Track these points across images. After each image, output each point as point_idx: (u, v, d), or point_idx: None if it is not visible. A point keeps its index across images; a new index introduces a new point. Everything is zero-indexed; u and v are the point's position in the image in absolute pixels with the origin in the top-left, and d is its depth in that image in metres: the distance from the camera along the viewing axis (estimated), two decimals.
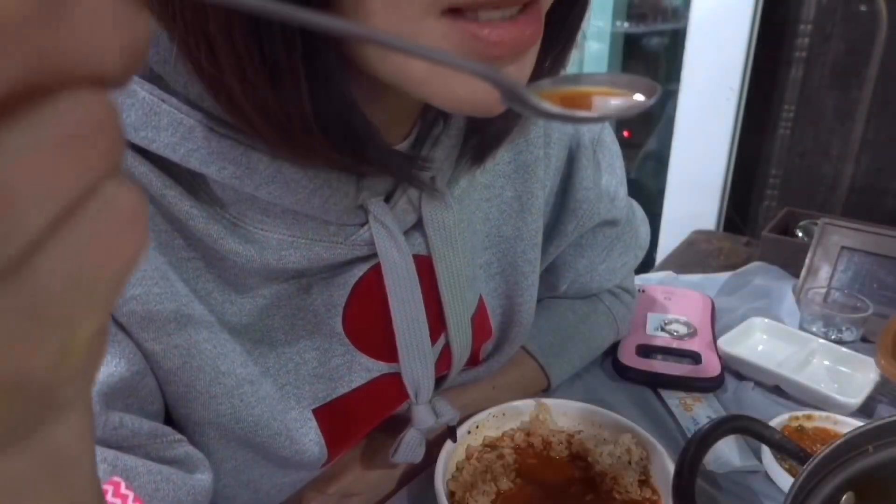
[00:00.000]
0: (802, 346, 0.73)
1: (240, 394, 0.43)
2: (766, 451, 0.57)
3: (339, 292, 0.46)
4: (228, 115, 0.34)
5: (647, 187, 1.91)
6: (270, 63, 0.30)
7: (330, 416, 0.48)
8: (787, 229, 1.07)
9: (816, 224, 0.92)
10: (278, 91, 0.31)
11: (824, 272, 0.87)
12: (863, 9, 1.32)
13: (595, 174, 0.62)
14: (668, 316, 0.80)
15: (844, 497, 0.43)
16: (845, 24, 1.35)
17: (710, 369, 0.70)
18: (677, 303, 0.83)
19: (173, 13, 0.30)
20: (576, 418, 0.59)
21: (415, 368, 0.48)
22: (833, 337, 0.78)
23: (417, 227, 0.47)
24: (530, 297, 0.58)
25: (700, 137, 1.51)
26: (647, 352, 0.73)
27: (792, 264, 0.93)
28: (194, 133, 0.35)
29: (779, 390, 0.68)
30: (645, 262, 0.76)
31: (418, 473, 0.56)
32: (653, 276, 0.98)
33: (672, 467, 0.47)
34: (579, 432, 0.58)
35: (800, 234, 1.05)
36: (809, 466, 0.42)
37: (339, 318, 0.46)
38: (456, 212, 0.48)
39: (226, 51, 0.29)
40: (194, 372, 0.41)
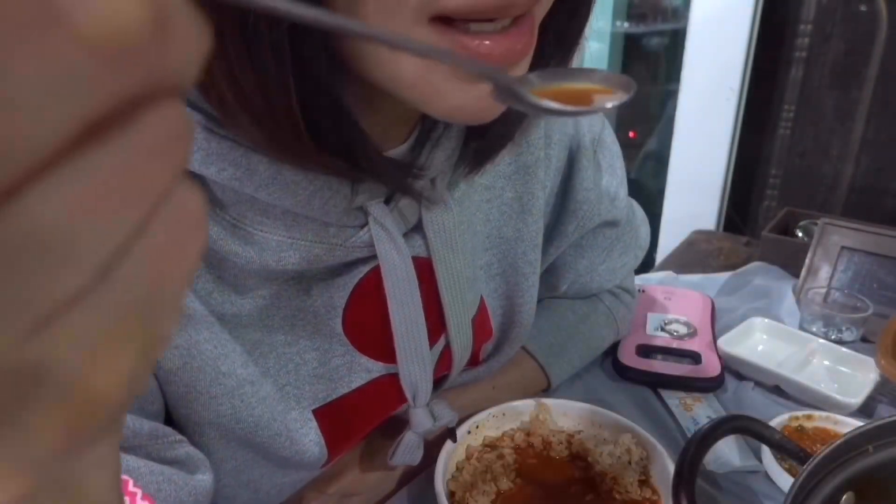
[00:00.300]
0: (802, 346, 0.73)
1: (240, 394, 0.43)
2: (766, 451, 0.57)
3: (339, 294, 0.46)
4: (222, 120, 0.35)
5: (647, 187, 1.91)
6: (260, 70, 0.30)
7: (330, 417, 0.48)
8: (787, 229, 1.07)
9: (816, 224, 0.92)
10: (268, 99, 0.31)
11: (824, 272, 0.87)
12: (863, 9, 1.32)
13: (595, 175, 0.62)
14: (668, 316, 0.80)
15: (844, 497, 0.43)
16: (845, 24, 1.35)
17: (710, 369, 0.70)
18: (677, 303, 0.83)
19: None
20: (576, 418, 0.59)
21: (413, 371, 0.48)
22: (833, 337, 0.78)
23: (417, 228, 0.47)
24: (531, 297, 0.58)
25: (700, 137, 1.51)
26: (647, 352, 0.73)
27: (792, 264, 0.93)
28: (194, 134, 0.35)
29: (779, 390, 0.68)
30: (645, 262, 0.76)
31: (418, 473, 0.56)
32: (653, 276, 0.98)
33: (672, 467, 0.47)
34: (579, 432, 0.58)
35: (800, 234, 1.04)
36: (809, 466, 0.42)
37: (338, 319, 0.46)
38: (456, 214, 0.48)
39: (217, 58, 0.29)
40: (195, 372, 0.41)
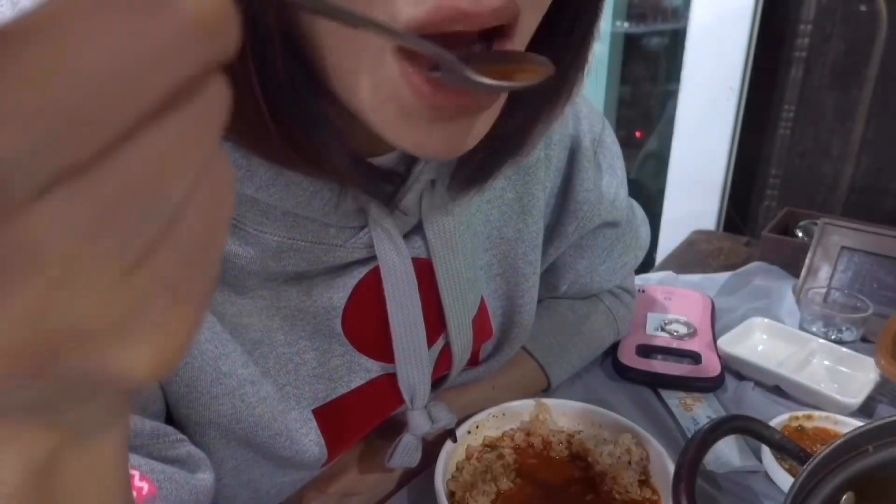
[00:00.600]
0: (802, 346, 0.73)
1: (241, 394, 0.43)
2: (766, 451, 0.57)
3: (339, 294, 0.46)
4: None
5: (647, 187, 1.91)
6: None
7: (330, 417, 0.48)
8: (787, 229, 1.07)
9: (816, 224, 0.92)
10: (238, 107, 0.31)
11: (824, 272, 0.87)
12: (863, 9, 1.31)
13: (596, 175, 0.62)
14: (668, 316, 0.80)
15: (844, 497, 0.43)
16: (845, 24, 1.35)
17: (710, 369, 0.70)
18: (677, 303, 0.83)
19: None
20: (576, 418, 0.59)
21: (411, 373, 0.48)
22: (833, 337, 0.78)
23: (417, 230, 0.47)
24: (531, 298, 0.58)
25: (700, 137, 1.51)
26: (647, 352, 0.73)
27: (792, 264, 0.93)
28: None
29: (779, 390, 0.68)
30: (645, 262, 0.76)
31: (418, 473, 0.56)
32: (653, 276, 0.98)
33: (672, 467, 0.47)
34: (579, 432, 0.58)
35: (800, 234, 1.05)
36: (809, 466, 0.42)
37: (338, 320, 0.46)
38: (456, 215, 0.48)
39: None
40: (195, 372, 0.42)
